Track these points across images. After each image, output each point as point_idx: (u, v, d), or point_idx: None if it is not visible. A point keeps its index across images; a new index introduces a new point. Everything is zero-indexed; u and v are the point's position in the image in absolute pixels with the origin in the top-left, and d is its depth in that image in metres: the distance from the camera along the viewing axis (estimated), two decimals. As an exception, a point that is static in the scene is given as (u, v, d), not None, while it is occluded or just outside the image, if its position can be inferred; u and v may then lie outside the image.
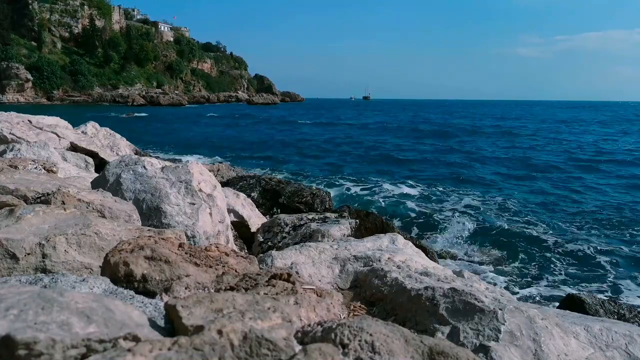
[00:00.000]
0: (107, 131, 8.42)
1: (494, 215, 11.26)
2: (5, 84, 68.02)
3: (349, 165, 19.13)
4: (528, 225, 10.30)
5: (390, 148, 25.13)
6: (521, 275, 7.45)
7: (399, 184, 14.63)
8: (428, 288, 2.07)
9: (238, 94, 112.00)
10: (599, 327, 2.00)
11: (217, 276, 1.53)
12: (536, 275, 7.51)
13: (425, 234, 9.38)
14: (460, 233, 9.63)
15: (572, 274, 7.67)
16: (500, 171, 18.00)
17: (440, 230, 9.87)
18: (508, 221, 10.66)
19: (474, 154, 22.96)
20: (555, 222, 10.62)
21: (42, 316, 0.88)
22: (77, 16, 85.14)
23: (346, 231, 3.99)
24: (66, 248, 1.72)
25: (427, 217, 10.88)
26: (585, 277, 7.55)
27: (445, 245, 8.69)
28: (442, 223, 10.37)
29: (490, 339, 1.77)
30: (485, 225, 10.25)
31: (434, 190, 14.08)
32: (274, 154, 21.59)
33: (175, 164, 3.56)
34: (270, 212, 6.28)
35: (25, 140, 5.27)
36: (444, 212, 11.44)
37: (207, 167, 8.66)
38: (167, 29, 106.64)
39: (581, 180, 16.43)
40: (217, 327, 0.94)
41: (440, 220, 10.61)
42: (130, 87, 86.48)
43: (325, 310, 1.33)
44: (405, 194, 13.22)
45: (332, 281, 2.56)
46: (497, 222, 10.60)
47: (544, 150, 25.09)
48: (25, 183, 2.64)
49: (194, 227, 2.99)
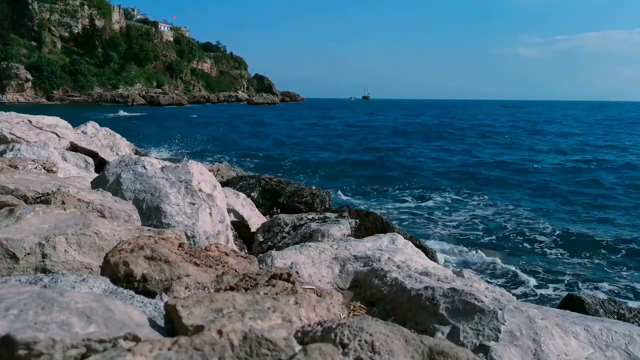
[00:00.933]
0: (107, 131, 8.42)
1: (494, 215, 11.27)
2: (5, 84, 68.02)
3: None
4: (528, 226, 10.30)
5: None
6: (521, 275, 7.45)
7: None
8: (428, 288, 2.07)
9: (238, 94, 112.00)
10: (598, 327, 2.00)
11: (217, 276, 1.52)
12: (536, 275, 7.52)
13: (425, 234, 9.38)
14: (460, 233, 9.64)
15: (572, 273, 7.67)
16: (500, 174, 18.00)
17: (440, 230, 9.88)
18: (508, 221, 10.67)
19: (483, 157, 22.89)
20: (555, 222, 10.63)
21: (42, 316, 0.88)
22: (77, 16, 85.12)
23: (346, 231, 3.98)
24: (66, 248, 1.72)
25: (428, 217, 10.89)
26: (585, 277, 7.56)
27: (446, 245, 8.69)
28: (444, 223, 10.38)
29: (490, 339, 1.77)
30: (485, 225, 10.26)
31: (434, 188, 14.10)
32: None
33: (175, 163, 3.56)
34: (270, 212, 6.28)
35: (25, 140, 5.27)
36: (444, 211, 11.45)
37: (207, 167, 8.66)
38: (167, 29, 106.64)
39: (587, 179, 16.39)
40: (217, 327, 0.94)
41: (441, 220, 10.63)
42: (130, 87, 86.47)
43: (325, 310, 1.33)
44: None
45: (332, 281, 2.56)
46: (498, 222, 10.61)
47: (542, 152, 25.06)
48: (25, 183, 2.64)
49: (194, 227, 2.99)
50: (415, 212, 11.55)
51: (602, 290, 7.02)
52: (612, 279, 7.51)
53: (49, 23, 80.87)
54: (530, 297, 6.55)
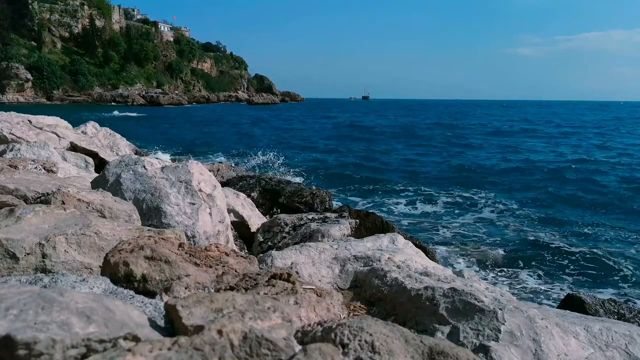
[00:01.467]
0: (107, 131, 8.42)
1: (494, 214, 11.28)
2: (5, 84, 68.05)
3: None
4: (529, 226, 10.30)
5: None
6: (521, 275, 7.45)
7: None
8: (428, 288, 2.07)
9: (238, 94, 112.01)
10: (598, 327, 2.00)
11: (217, 276, 1.53)
12: (536, 275, 7.52)
13: (425, 234, 9.38)
14: (461, 233, 9.64)
15: (572, 273, 7.67)
16: (501, 174, 17.99)
17: (441, 230, 9.88)
18: (509, 221, 10.67)
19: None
20: (555, 222, 10.63)
21: (42, 316, 0.88)
22: (77, 16, 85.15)
23: (346, 231, 3.99)
24: (66, 248, 1.72)
25: (428, 217, 10.90)
26: (585, 276, 7.56)
27: (446, 245, 8.69)
28: (444, 223, 10.38)
29: (490, 339, 1.77)
30: (486, 225, 10.26)
31: (434, 189, 14.10)
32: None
33: (175, 163, 3.56)
34: (270, 212, 6.28)
35: (25, 140, 5.27)
36: (444, 212, 11.45)
37: (207, 167, 8.66)
38: (167, 29, 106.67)
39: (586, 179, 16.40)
40: (217, 327, 0.94)
41: (441, 220, 10.63)
42: (130, 87, 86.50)
43: (325, 310, 1.33)
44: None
45: (332, 281, 2.56)
46: (498, 221, 10.61)
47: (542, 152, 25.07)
48: (25, 183, 2.64)
49: (193, 227, 2.99)
50: (416, 212, 11.56)
51: (602, 290, 7.02)
52: (612, 279, 7.51)
53: (49, 23, 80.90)
54: (530, 297, 6.55)
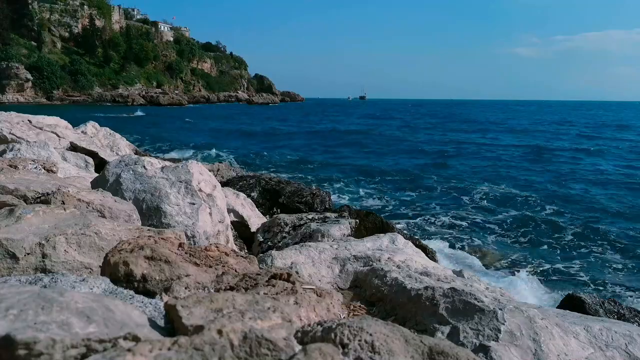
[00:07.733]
0: (107, 131, 8.43)
1: (495, 215, 11.27)
2: (5, 84, 67.99)
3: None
4: (529, 226, 10.30)
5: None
6: (521, 275, 7.44)
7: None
8: (428, 288, 2.07)
9: (238, 94, 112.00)
10: (598, 327, 2.00)
11: (217, 276, 1.52)
12: (536, 275, 7.51)
13: (425, 234, 9.38)
14: (461, 233, 9.64)
15: (572, 273, 7.67)
16: (502, 175, 17.99)
17: (441, 229, 9.87)
18: (509, 221, 10.67)
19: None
20: (555, 222, 10.63)
21: (42, 316, 0.88)
22: (77, 16, 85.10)
23: (346, 231, 3.98)
24: (66, 248, 1.72)
25: (429, 217, 10.89)
26: (585, 276, 7.56)
27: (446, 245, 8.69)
28: (444, 223, 10.38)
29: (490, 339, 1.77)
30: (486, 226, 10.26)
31: (435, 190, 14.11)
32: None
33: (175, 163, 3.56)
34: (270, 212, 6.28)
35: (25, 140, 5.27)
36: (445, 212, 11.45)
37: (207, 167, 8.66)
38: (167, 29, 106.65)
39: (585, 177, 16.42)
40: (217, 327, 0.94)
41: (442, 220, 10.62)
42: (130, 87, 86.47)
43: (325, 310, 1.33)
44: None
45: (332, 281, 2.56)
46: (498, 222, 10.60)
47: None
48: (25, 183, 2.64)
49: (193, 227, 2.99)
50: (416, 212, 11.55)
51: (602, 290, 7.02)
52: (612, 279, 7.51)
53: (49, 23, 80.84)
54: (530, 297, 6.55)
